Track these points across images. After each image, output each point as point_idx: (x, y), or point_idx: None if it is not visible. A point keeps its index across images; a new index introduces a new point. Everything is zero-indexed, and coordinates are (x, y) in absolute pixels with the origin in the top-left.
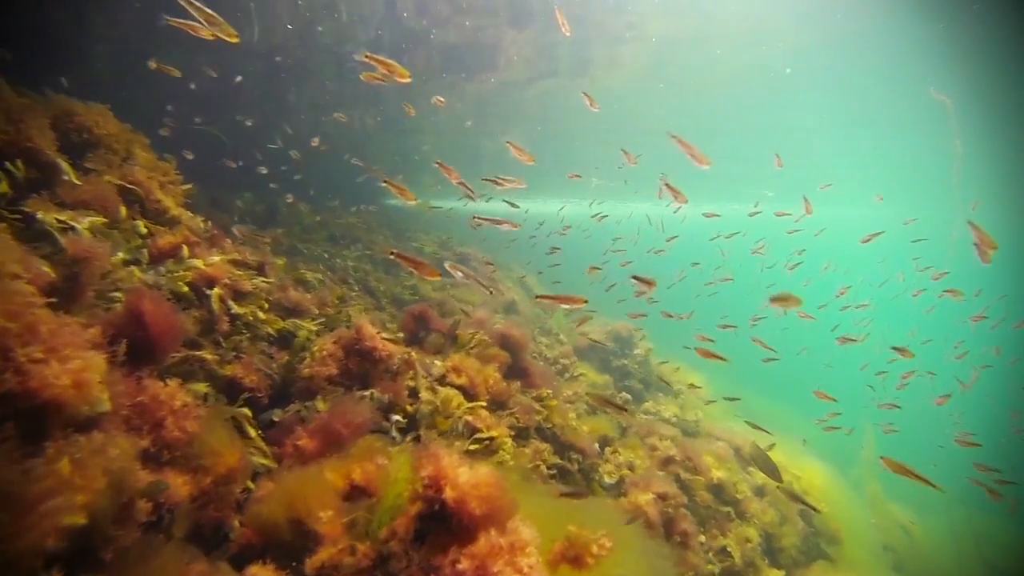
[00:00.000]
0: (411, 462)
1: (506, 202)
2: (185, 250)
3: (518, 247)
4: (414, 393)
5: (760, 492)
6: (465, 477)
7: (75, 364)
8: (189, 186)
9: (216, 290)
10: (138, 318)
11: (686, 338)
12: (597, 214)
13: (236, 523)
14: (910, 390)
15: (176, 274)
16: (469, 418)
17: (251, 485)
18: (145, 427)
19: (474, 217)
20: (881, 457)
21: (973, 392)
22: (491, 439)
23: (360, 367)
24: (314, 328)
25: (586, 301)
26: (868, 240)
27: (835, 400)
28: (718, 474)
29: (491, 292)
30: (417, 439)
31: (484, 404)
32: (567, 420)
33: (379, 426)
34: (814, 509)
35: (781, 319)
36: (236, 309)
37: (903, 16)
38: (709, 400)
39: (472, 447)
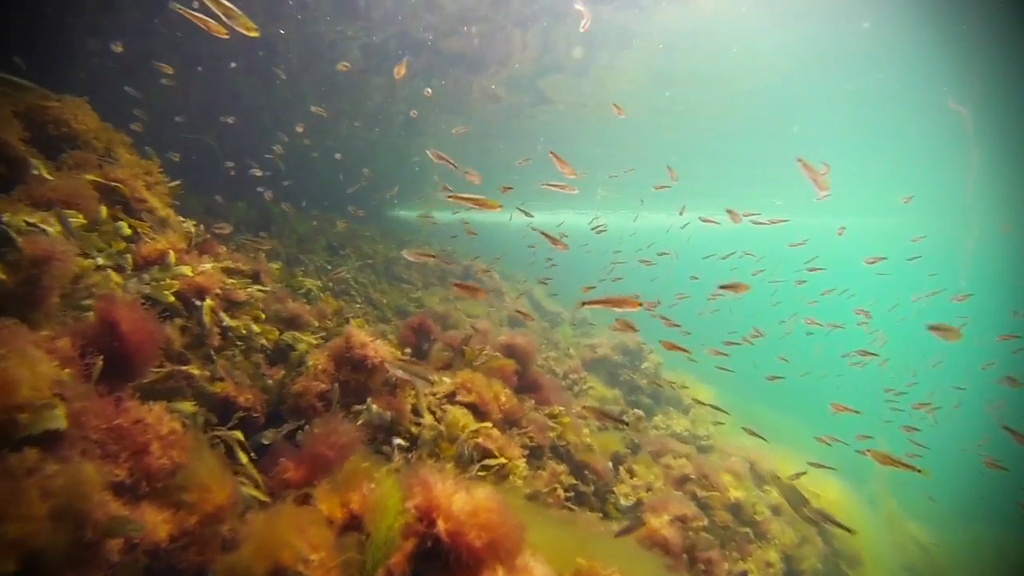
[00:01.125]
0: (400, 491)
1: (520, 210)
2: (172, 256)
3: (517, 257)
4: (418, 411)
5: (777, 511)
6: (460, 504)
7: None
8: (176, 183)
9: (208, 302)
10: (112, 328)
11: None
12: (597, 226)
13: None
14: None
15: (162, 282)
16: (479, 440)
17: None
18: (123, 454)
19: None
20: (868, 450)
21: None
22: (502, 465)
23: (354, 379)
24: (313, 341)
25: (640, 304)
26: (873, 262)
27: (858, 412)
28: (736, 494)
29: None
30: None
31: (494, 424)
32: (581, 438)
33: (379, 449)
34: (848, 531)
35: (789, 336)
36: (228, 321)
37: (917, 26)
38: (717, 421)
39: (481, 473)
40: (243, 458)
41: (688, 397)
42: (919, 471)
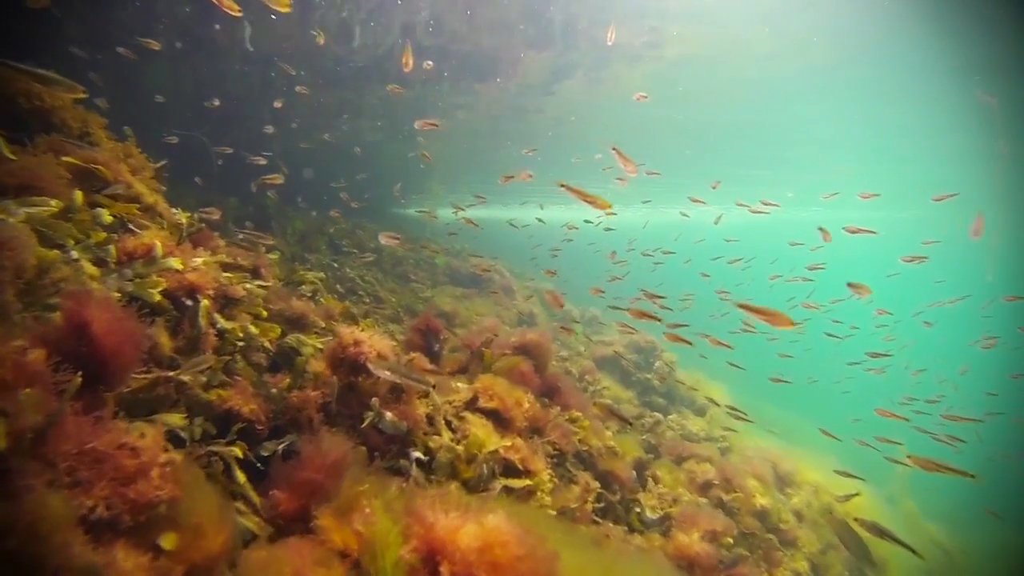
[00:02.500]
0: (399, 526)
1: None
2: (159, 247)
3: (522, 253)
4: (433, 420)
5: (800, 516)
6: (469, 539)
7: None
8: (161, 164)
9: (204, 302)
10: (82, 329)
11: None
12: (599, 222)
13: None
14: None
15: (147, 279)
16: (503, 454)
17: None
18: (98, 483)
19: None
20: (910, 457)
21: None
22: (527, 484)
23: (356, 383)
24: (319, 344)
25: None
26: (911, 260)
27: (907, 420)
28: (762, 500)
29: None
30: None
31: (519, 432)
32: (604, 441)
33: (393, 464)
34: (912, 551)
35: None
36: (223, 323)
37: (942, 14)
38: (729, 428)
39: (504, 493)
40: (240, 478)
41: (702, 397)
42: (971, 476)
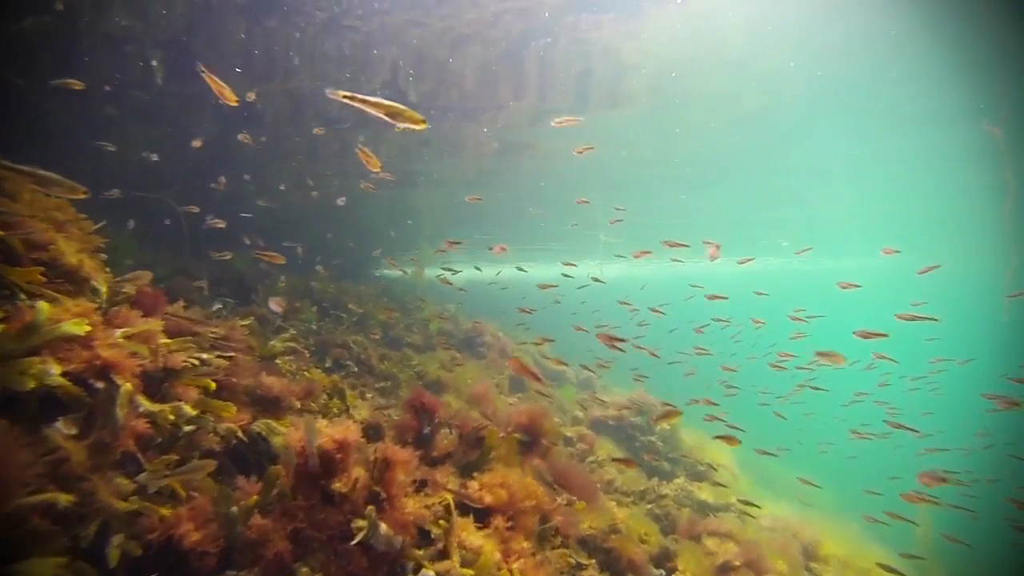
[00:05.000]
0: None
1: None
2: (42, 314)
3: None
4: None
5: None
6: None
7: None
8: (100, 225)
9: (125, 386)
10: None
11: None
12: (594, 276)
13: None
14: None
15: (18, 362)
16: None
17: None
18: None
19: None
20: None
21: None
22: None
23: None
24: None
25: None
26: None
27: (937, 503)
28: None
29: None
30: None
31: (527, 537)
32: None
33: None
34: None
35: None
36: (148, 407)
37: (945, 44)
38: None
39: None
40: None
41: (706, 462)
42: None
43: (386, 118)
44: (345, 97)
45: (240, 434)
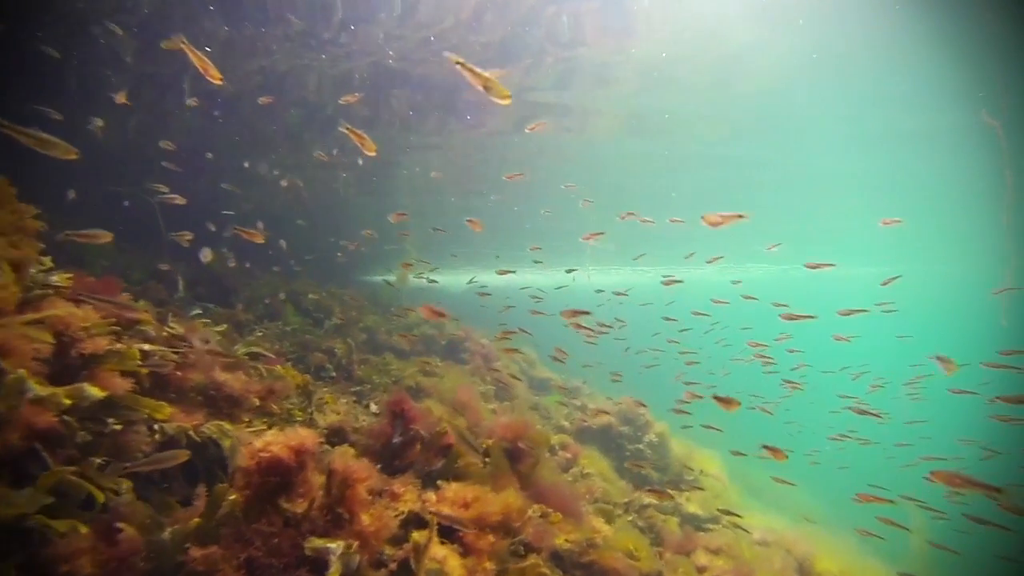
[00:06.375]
0: None
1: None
2: None
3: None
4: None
5: None
6: None
7: None
8: (36, 212)
9: (18, 372)
10: None
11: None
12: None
13: None
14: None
15: None
16: None
17: None
18: None
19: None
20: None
21: None
22: None
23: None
24: (253, 434)
25: None
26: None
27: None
28: None
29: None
30: None
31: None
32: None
33: None
34: None
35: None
36: (39, 391)
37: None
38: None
39: None
40: None
41: (695, 472)
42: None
43: (481, 88)
44: (457, 63)
45: (193, 434)
